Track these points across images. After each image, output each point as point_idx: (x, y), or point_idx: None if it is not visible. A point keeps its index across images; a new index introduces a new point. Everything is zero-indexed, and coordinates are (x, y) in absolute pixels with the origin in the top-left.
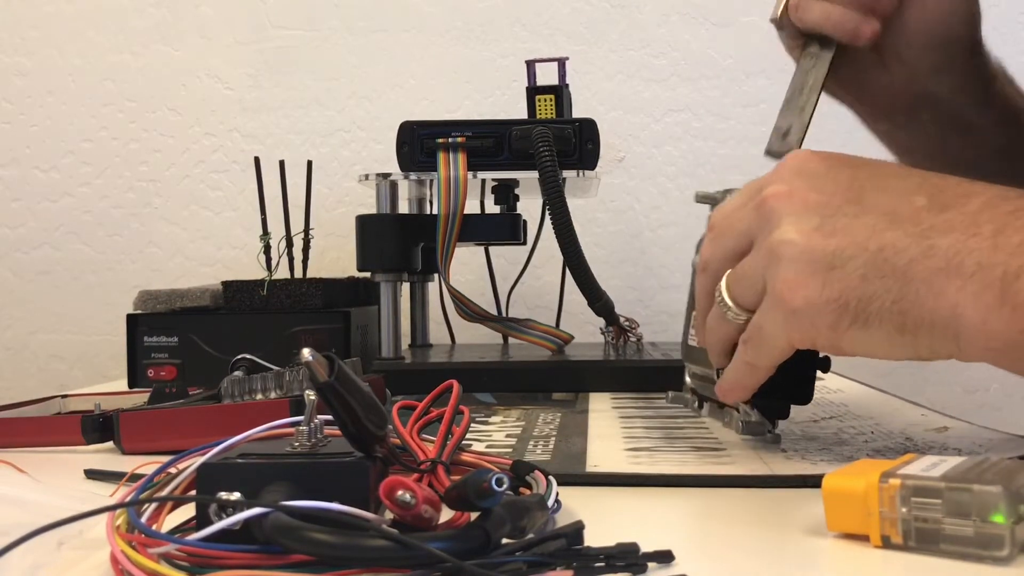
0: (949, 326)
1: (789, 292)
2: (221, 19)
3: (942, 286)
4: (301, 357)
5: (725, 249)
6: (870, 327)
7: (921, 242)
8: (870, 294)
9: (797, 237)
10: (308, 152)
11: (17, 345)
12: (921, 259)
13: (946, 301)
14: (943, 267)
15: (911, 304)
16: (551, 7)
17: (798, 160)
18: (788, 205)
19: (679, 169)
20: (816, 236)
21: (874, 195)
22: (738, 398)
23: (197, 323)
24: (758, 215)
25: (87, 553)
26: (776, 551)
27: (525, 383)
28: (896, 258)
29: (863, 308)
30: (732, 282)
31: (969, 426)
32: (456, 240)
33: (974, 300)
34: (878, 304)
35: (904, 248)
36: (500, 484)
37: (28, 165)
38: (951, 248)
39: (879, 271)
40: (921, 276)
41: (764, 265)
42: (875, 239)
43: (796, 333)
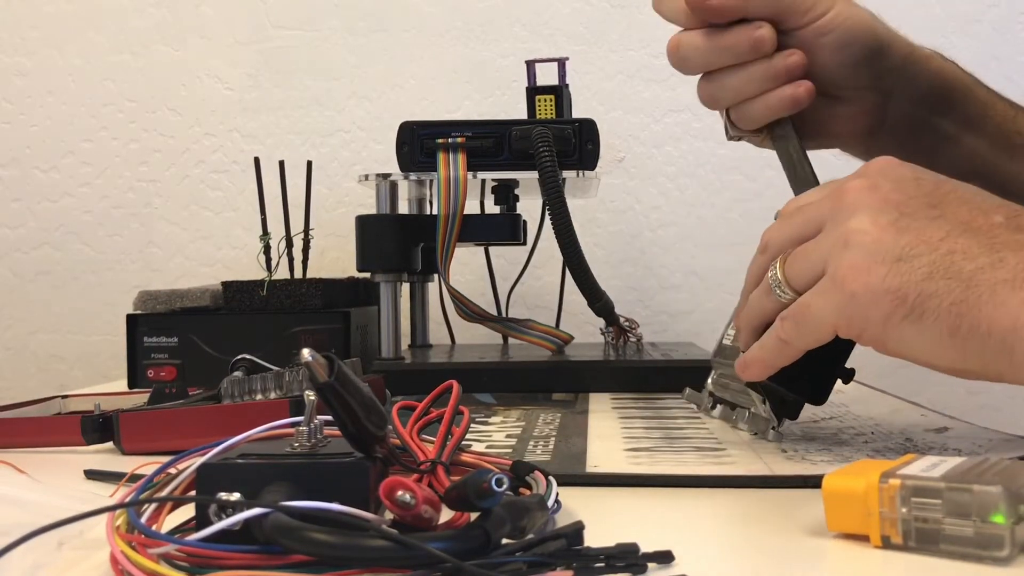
0: (1006, 339)
1: (852, 275)
2: (221, 19)
3: (1005, 297)
4: (301, 357)
5: (792, 231)
6: (923, 323)
7: (992, 254)
8: (931, 291)
9: (871, 228)
10: (308, 152)
11: (17, 345)
12: (989, 268)
13: (1007, 312)
14: (1009, 279)
15: (970, 308)
16: (551, 7)
17: (884, 163)
18: (868, 198)
19: (679, 169)
20: (890, 230)
21: (954, 205)
22: (756, 375)
23: (197, 323)
24: (835, 204)
25: (87, 553)
26: (776, 551)
27: (525, 383)
28: (964, 263)
29: (920, 303)
30: (791, 260)
31: (969, 426)
32: (456, 240)
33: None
34: (936, 302)
35: (974, 255)
36: (500, 484)
37: (28, 165)
38: (1020, 264)
39: (945, 272)
40: (986, 284)
41: (830, 249)
42: (947, 242)
43: (846, 319)
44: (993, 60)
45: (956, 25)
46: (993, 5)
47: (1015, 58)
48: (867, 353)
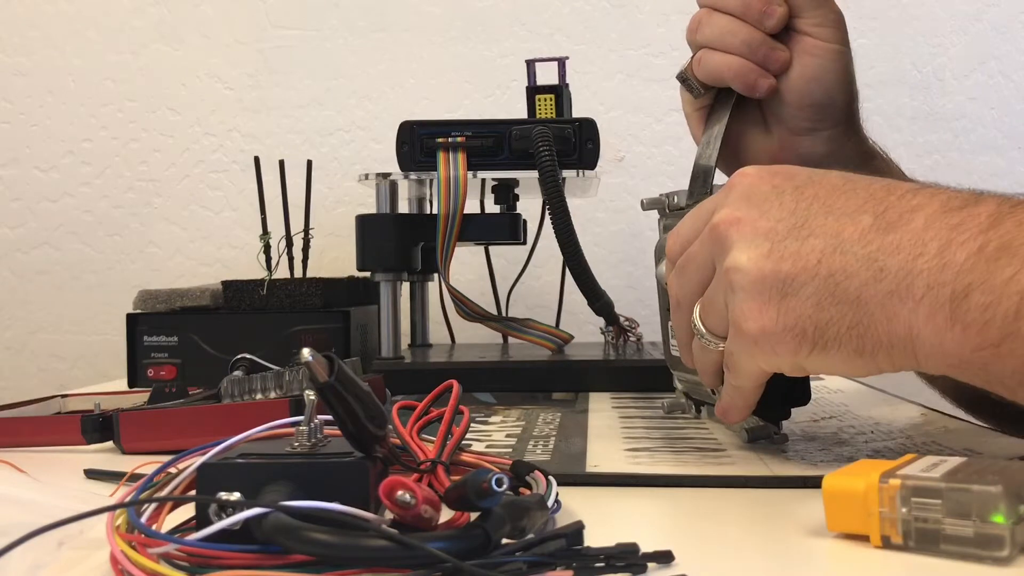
0: (907, 347)
1: (746, 322)
2: (221, 19)
3: (895, 309)
4: (301, 357)
5: (691, 282)
6: (829, 351)
7: (870, 265)
8: (826, 320)
9: (748, 264)
10: (308, 152)
11: (17, 345)
12: (872, 283)
13: (900, 324)
14: (893, 290)
15: (867, 328)
16: (551, 7)
17: (745, 183)
18: (737, 232)
19: (679, 169)
20: (767, 263)
21: (821, 218)
22: (740, 417)
23: (197, 323)
24: (712, 242)
25: (87, 553)
26: (776, 551)
27: (525, 383)
28: (847, 283)
29: (820, 334)
30: (702, 312)
31: (969, 426)
32: (456, 240)
33: (926, 321)
34: (835, 330)
35: (854, 272)
36: (500, 484)
37: (28, 165)
38: (900, 270)
39: (832, 297)
40: (874, 300)
41: (723, 292)
42: (824, 264)
43: (762, 360)
44: (993, 60)
45: (956, 25)
46: (993, 5)
47: (1015, 57)
48: None
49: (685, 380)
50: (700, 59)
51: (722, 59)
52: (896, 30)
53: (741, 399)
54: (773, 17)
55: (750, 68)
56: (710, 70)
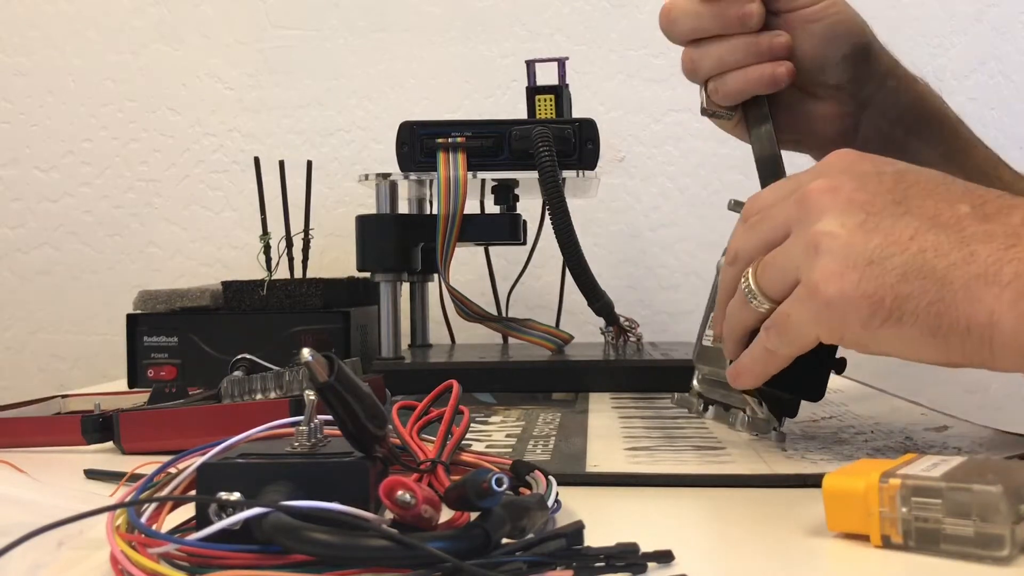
0: (984, 332)
1: (825, 284)
2: (221, 19)
3: (979, 292)
4: (301, 357)
5: (760, 238)
6: (903, 326)
7: (962, 248)
8: (907, 293)
9: (840, 231)
10: (308, 152)
11: (17, 345)
12: (961, 264)
13: (982, 307)
14: (981, 273)
15: (947, 307)
16: (551, 7)
17: (844, 158)
18: (832, 200)
19: (679, 169)
20: (858, 232)
21: (919, 199)
22: (748, 384)
23: (197, 323)
24: (799, 207)
25: (87, 553)
26: (776, 551)
27: (525, 383)
28: (936, 260)
29: (898, 306)
30: (762, 269)
31: (969, 426)
32: (456, 240)
33: (1010, 308)
34: (914, 304)
35: (945, 252)
36: (500, 484)
37: (28, 165)
38: (990, 256)
39: (918, 271)
40: (960, 281)
41: (800, 255)
42: (917, 240)
43: (826, 326)
44: (993, 60)
45: (956, 25)
46: (993, 5)
47: (1015, 57)
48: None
49: (704, 377)
50: (715, 89)
51: (735, 77)
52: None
53: (766, 364)
54: (752, 16)
55: (763, 68)
56: (730, 92)
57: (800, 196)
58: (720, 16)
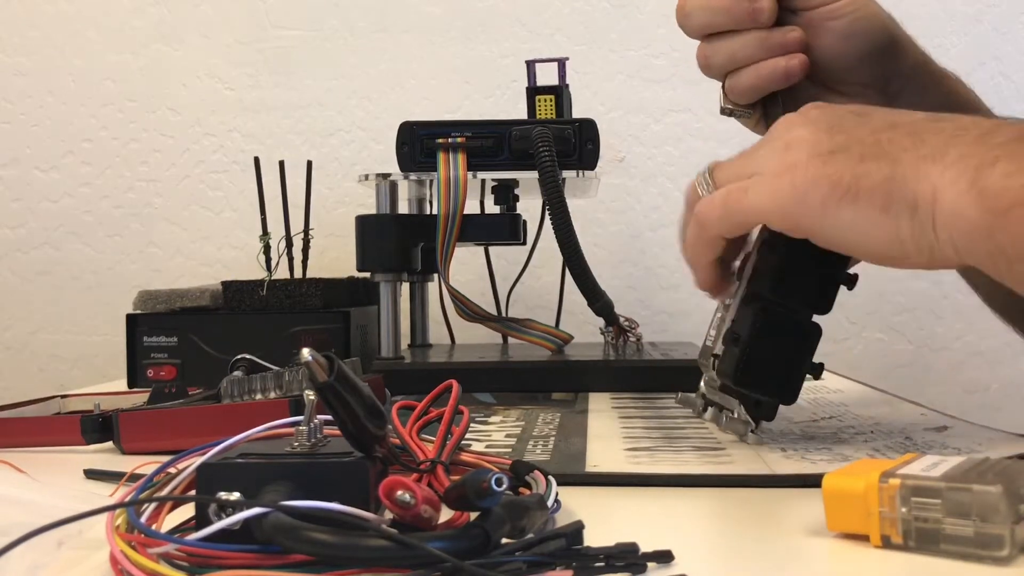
0: (927, 209)
1: (791, 169)
2: (221, 19)
3: (927, 169)
4: (301, 357)
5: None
6: (858, 204)
7: (914, 137)
8: (863, 172)
9: (808, 135)
10: (308, 152)
11: (17, 345)
12: (911, 148)
13: (927, 184)
14: (929, 154)
15: (898, 184)
16: (551, 7)
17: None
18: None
19: (679, 169)
20: (824, 133)
21: (880, 113)
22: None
23: (197, 323)
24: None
25: (87, 553)
26: (776, 551)
27: (525, 383)
28: (890, 146)
29: (855, 183)
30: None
31: (969, 426)
32: (456, 240)
33: (950, 184)
34: (869, 181)
35: (898, 139)
36: (500, 484)
37: (28, 165)
38: (939, 141)
39: (874, 154)
40: (909, 160)
41: (766, 155)
42: (875, 135)
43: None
44: (993, 60)
45: (956, 25)
46: (993, 5)
47: (1015, 58)
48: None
49: (710, 378)
50: (730, 87)
51: (747, 74)
52: None
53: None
54: (763, 11)
55: (776, 62)
56: (745, 88)
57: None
58: (732, 11)
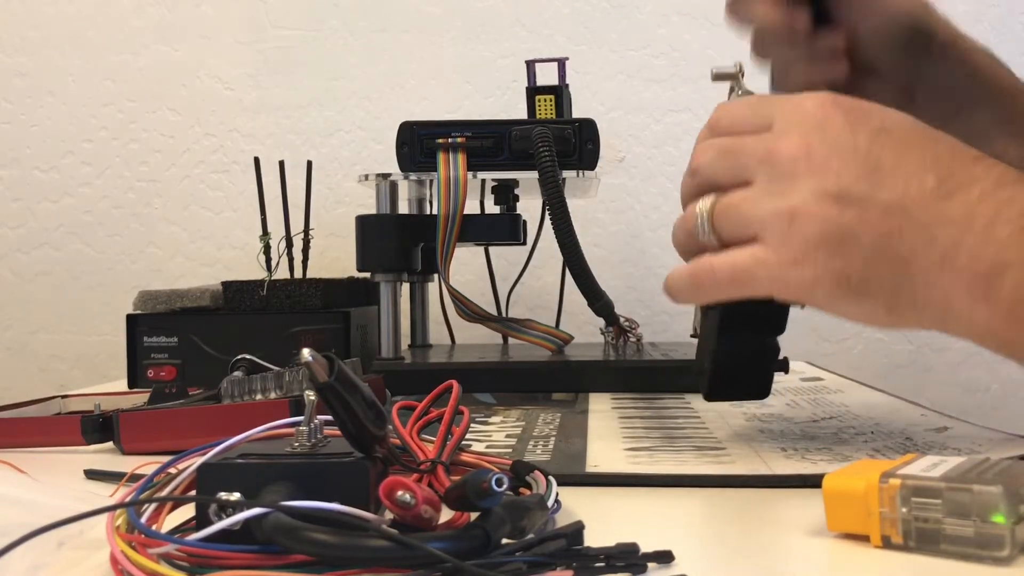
0: (937, 313)
1: (797, 254)
2: (221, 19)
3: (936, 278)
4: (301, 357)
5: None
6: (863, 301)
7: (924, 232)
8: (871, 274)
9: (814, 207)
10: (308, 152)
11: (17, 345)
12: (922, 249)
13: (937, 291)
14: (939, 260)
15: (906, 289)
16: (551, 7)
17: (819, 109)
18: (806, 166)
19: (679, 169)
20: (833, 208)
21: (891, 168)
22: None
23: (197, 323)
24: (769, 163)
25: (87, 553)
26: (776, 551)
27: (525, 383)
28: (900, 245)
29: (862, 284)
30: (722, 210)
31: (969, 426)
32: (456, 240)
33: (963, 294)
34: (876, 285)
35: (908, 236)
36: (500, 484)
37: (28, 165)
38: (949, 241)
39: (883, 254)
40: (919, 265)
41: (768, 218)
42: (885, 221)
43: (785, 289)
44: None
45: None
46: (993, 5)
47: (1015, 58)
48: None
49: None
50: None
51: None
52: None
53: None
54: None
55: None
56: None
57: (770, 152)
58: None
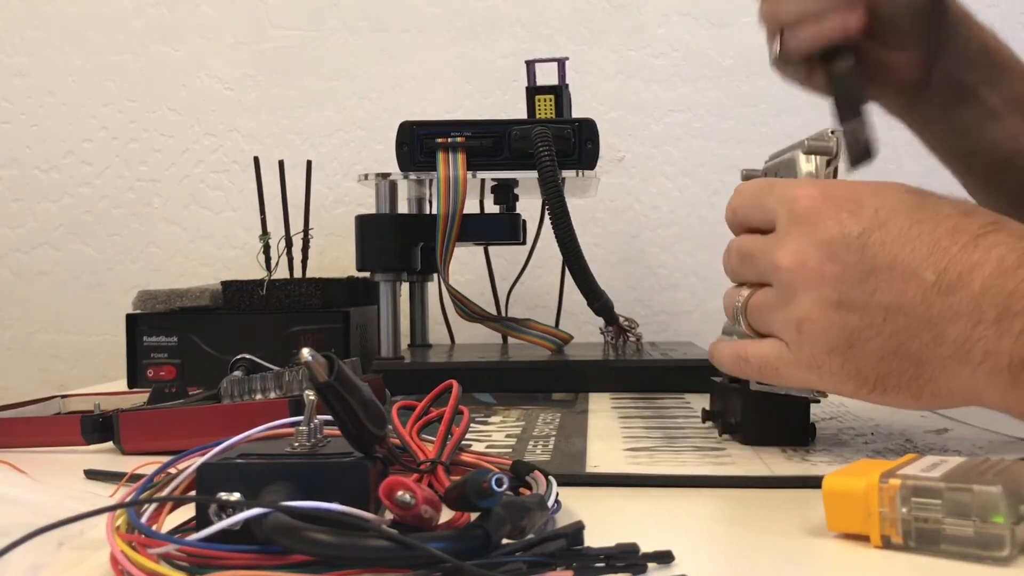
0: (968, 399)
1: (811, 362)
2: (221, 19)
3: (955, 371)
4: (301, 357)
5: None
6: (887, 394)
7: (931, 329)
8: (887, 372)
9: (817, 315)
10: (308, 152)
11: (17, 345)
12: (932, 346)
13: (961, 384)
14: (953, 354)
15: (927, 381)
16: (551, 7)
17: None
18: (803, 277)
19: (679, 169)
20: (835, 315)
21: (886, 272)
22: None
23: (197, 323)
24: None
25: (87, 553)
26: (776, 551)
27: (525, 383)
28: (909, 343)
29: (881, 382)
30: (750, 310)
31: (969, 428)
32: (456, 240)
33: (987, 383)
34: (895, 380)
35: (916, 334)
36: (500, 484)
37: (28, 165)
38: (959, 336)
39: (895, 354)
40: (935, 361)
41: (782, 328)
42: (889, 322)
43: (811, 386)
44: None
45: None
46: (993, 5)
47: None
48: None
49: None
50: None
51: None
52: None
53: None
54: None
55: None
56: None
57: (772, 263)
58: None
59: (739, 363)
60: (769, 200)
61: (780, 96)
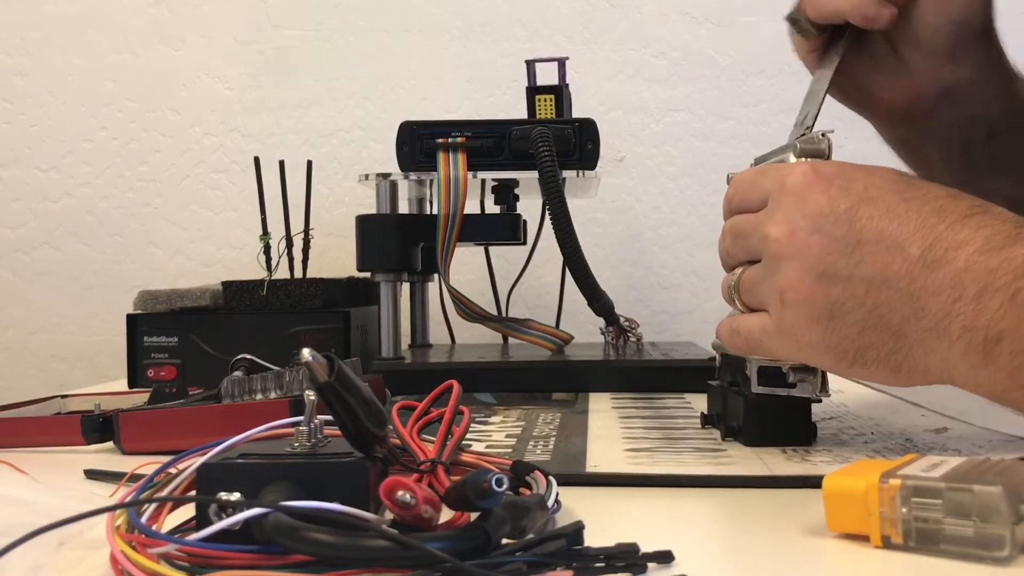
0: (942, 375)
1: (793, 332)
2: (221, 19)
3: (933, 344)
4: (301, 357)
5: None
6: (867, 367)
7: (913, 303)
8: (867, 344)
9: (800, 285)
10: (308, 152)
11: (17, 345)
12: (912, 320)
13: (937, 357)
14: (932, 328)
15: (905, 356)
16: (551, 7)
17: (803, 183)
18: (790, 247)
19: (679, 169)
20: (818, 286)
21: (872, 245)
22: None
23: (197, 323)
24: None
25: (87, 553)
26: (776, 551)
27: (525, 383)
28: (890, 315)
29: (861, 354)
30: (743, 287)
31: (969, 427)
32: (456, 240)
33: (962, 358)
34: (875, 353)
35: (897, 307)
36: (500, 484)
37: (28, 165)
38: (939, 311)
39: (875, 327)
40: (914, 335)
41: (768, 299)
42: (871, 295)
43: (793, 358)
44: None
45: None
46: None
47: (1015, 58)
48: None
49: None
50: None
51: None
52: None
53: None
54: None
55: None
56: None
57: (763, 234)
58: None
59: (733, 337)
60: (762, 180)
61: (780, 96)
